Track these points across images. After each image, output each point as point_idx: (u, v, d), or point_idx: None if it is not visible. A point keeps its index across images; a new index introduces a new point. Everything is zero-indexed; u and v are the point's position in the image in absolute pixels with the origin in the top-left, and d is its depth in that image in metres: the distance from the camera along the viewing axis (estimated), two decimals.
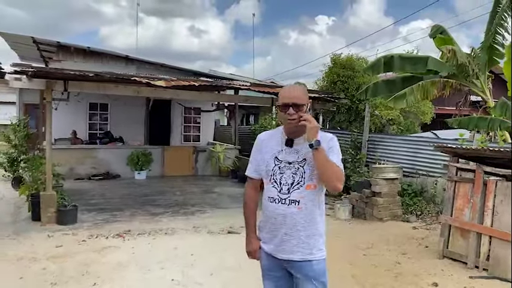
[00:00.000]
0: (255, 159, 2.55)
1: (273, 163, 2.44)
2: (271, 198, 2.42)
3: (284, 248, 2.41)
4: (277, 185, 2.41)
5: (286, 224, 2.38)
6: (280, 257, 2.43)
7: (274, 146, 2.47)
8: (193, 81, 6.90)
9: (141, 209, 8.23)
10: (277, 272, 2.50)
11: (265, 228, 2.50)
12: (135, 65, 13.97)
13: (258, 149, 2.55)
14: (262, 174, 2.49)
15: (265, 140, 2.53)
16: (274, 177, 2.42)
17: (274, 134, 2.55)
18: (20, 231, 6.58)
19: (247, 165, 2.62)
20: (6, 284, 4.53)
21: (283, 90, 2.47)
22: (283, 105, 2.37)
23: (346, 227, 7.33)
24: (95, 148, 12.42)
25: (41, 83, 6.74)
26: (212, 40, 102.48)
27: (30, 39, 13.04)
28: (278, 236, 2.42)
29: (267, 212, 2.45)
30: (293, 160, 2.41)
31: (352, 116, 12.53)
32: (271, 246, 2.46)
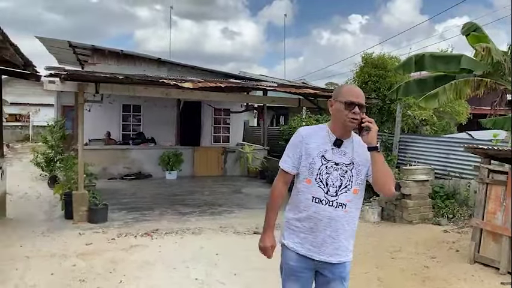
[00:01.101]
0: (295, 153, 2.42)
1: (320, 162, 2.36)
2: (316, 199, 2.35)
3: (324, 250, 2.38)
4: (323, 185, 2.35)
5: (330, 227, 2.36)
6: (317, 259, 2.39)
7: (321, 143, 2.38)
8: (220, 83, 6.96)
9: (170, 208, 8.37)
10: (306, 273, 2.45)
11: (302, 228, 2.41)
12: (166, 67, 14.21)
13: (298, 143, 2.41)
14: (303, 170, 2.39)
15: (309, 135, 2.42)
16: (321, 176, 2.35)
17: (318, 130, 2.45)
18: (54, 228, 6.81)
19: (284, 157, 2.47)
20: (39, 279, 4.69)
21: (347, 88, 2.43)
22: (349, 103, 2.30)
23: (375, 229, 7.20)
24: (128, 148, 12.71)
25: (73, 85, 6.97)
26: (245, 42, 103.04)
27: (67, 43, 13.51)
28: (319, 237, 2.37)
29: (309, 212, 2.37)
30: (340, 162, 2.36)
31: (384, 117, 12.30)
32: (309, 247, 2.40)
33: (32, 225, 6.99)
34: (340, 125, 2.36)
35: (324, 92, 7.89)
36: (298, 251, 2.42)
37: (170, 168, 12.23)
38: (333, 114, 2.40)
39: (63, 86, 6.88)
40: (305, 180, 2.39)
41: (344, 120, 2.32)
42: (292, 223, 2.46)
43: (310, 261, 2.41)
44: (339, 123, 2.37)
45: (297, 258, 2.43)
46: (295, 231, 2.44)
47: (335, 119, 2.39)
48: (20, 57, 5.29)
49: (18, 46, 4.81)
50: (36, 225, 6.98)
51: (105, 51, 13.96)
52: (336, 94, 2.41)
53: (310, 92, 7.30)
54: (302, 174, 2.40)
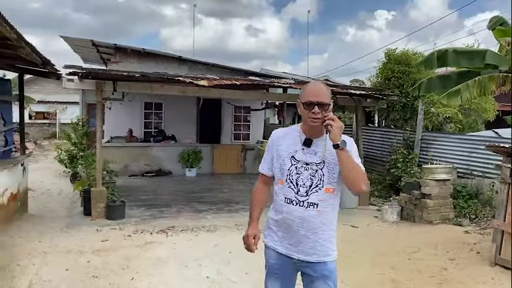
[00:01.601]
0: (269, 156, 2.51)
1: (290, 162, 2.38)
2: (287, 199, 2.37)
3: (301, 249, 2.40)
4: (293, 185, 2.36)
5: (303, 227, 2.36)
6: (296, 257, 2.41)
7: (291, 144, 2.41)
8: (236, 80, 6.93)
9: (187, 205, 8.40)
10: (287, 272, 2.49)
11: (279, 227, 2.45)
12: (187, 66, 14.27)
13: (272, 146, 2.50)
14: (276, 172, 2.45)
15: (281, 137, 2.47)
16: (291, 177, 2.37)
17: (290, 132, 2.48)
18: (72, 224, 6.93)
19: (262, 160, 2.59)
20: (54, 274, 4.77)
21: (308, 87, 2.40)
22: (308, 103, 2.29)
23: (393, 229, 7.05)
24: (149, 146, 12.84)
25: (91, 83, 7.06)
26: (269, 39, 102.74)
27: (90, 42, 13.72)
28: (295, 237, 2.39)
29: (283, 213, 2.40)
30: (311, 161, 2.36)
31: (407, 114, 12.03)
32: (287, 245, 2.43)
33: (52, 221, 7.12)
34: (307, 124, 2.36)
35: (341, 88, 7.76)
36: (278, 250, 2.46)
37: (190, 165, 12.29)
38: (301, 115, 2.39)
39: (81, 84, 6.98)
40: (279, 182, 2.44)
41: (307, 120, 2.32)
42: (271, 222, 2.52)
43: (290, 260, 2.44)
44: (305, 123, 2.38)
45: (277, 257, 2.47)
46: (274, 231, 2.49)
47: (302, 119, 2.40)
48: (38, 56, 5.38)
49: (34, 45, 4.89)
50: (56, 221, 7.12)
51: (127, 50, 14.11)
52: (300, 95, 2.39)
53: None
54: (276, 176, 2.46)
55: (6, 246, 5.67)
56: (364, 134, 11.67)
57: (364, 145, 11.51)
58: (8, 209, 6.41)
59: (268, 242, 2.52)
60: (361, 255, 5.57)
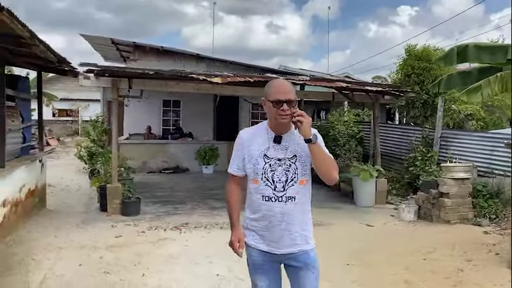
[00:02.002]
0: (238, 156, 2.53)
1: (263, 161, 2.42)
2: (266, 197, 2.42)
3: (284, 243, 2.46)
4: (270, 183, 2.41)
5: (284, 221, 2.42)
6: (279, 252, 2.47)
7: (261, 143, 2.45)
8: (249, 77, 6.89)
9: (202, 202, 8.42)
10: (271, 265, 2.54)
11: (258, 226, 2.49)
12: (205, 63, 14.31)
13: (240, 147, 2.51)
14: (249, 172, 2.47)
15: (249, 137, 2.49)
16: (266, 175, 2.41)
17: (257, 131, 2.51)
18: (88, 220, 7.03)
19: (230, 161, 2.59)
20: (67, 269, 4.84)
21: (274, 85, 2.43)
22: (276, 102, 2.33)
23: (409, 229, 6.91)
24: (167, 143, 12.94)
25: (107, 81, 7.13)
26: (290, 36, 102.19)
27: (109, 40, 13.89)
28: (276, 233, 2.44)
29: (262, 211, 2.44)
30: (283, 157, 2.42)
31: (428, 111, 11.79)
32: (269, 242, 2.47)
33: (69, 217, 7.24)
34: (274, 122, 2.41)
35: (357, 85, 7.63)
36: (260, 247, 2.50)
37: (206, 162, 12.34)
38: (267, 112, 2.43)
39: (97, 81, 7.07)
40: (252, 181, 2.46)
41: (275, 118, 2.36)
42: (249, 222, 2.54)
43: (274, 256, 2.49)
44: (272, 120, 2.42)
45: (260, 253, 2.51)
46: (254, 230, 2.52)
47: (269, 116, 2.44)
48: (52, 54, 5.45)
49: (48, 43, 4.95)
50: (73, 217, 7.24)
51: (146, 48, 14.23)
52: (265, 93, 2.41)
53: (343, 85, 7.08)
54: (249, 176, 2.49)
55: (23, 241, 5.78)
56: (382, 131, 11.50)
57: (382, 142, 11.35)
58: (26, 204, 6.53)
59: (250, 241, 2.54)
60: (374, 255, 5.48)
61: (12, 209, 5.77)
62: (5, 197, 5.44)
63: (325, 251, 5.52)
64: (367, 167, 8.31)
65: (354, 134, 12.30)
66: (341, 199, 9.04)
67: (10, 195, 5.67)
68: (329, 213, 7.69)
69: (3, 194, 5.37)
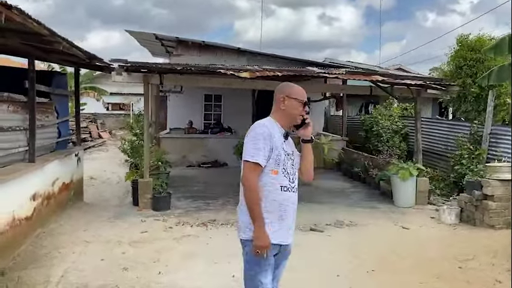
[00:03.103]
0: (266, 146, 2.50)
1: (283, 153, 2.56)
2: (284, 187, 2.56)
3: (290, 234, 2.65)
4: (286, 173, 2.58)
5: (294, 210, 2.65)
6: (285, 243, 2.60)
7: (279, 136, 2.58)
8: (278, 72, 6.67)
9: (233, 198, 8.31)
10: (272, 260, 2.59)
11: (272, 218, 2.52)
12: (246, 57, 14.19)
13: (268, 137, 2.51)
14: (270, 163, 2.52)
15: (272, 129, 2.56)
16: (285, 167, 2.56)
17: (272, 125, 2.60)
18: (120, 214, 7.14)
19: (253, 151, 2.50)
20: (89, 264, 4.90)
21: (297, 87, 2.70)
22: (304, 102, 2.65)
23: (449, 232, 6.45)
24: (206, 137, 13.00)
25: (139, 76, 7.18)
26: (343, 27, 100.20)
27: (153, 36, 14.13)
28: (289, 222, 2.60)
29: (279, 201, 2.54)
30: (290, 152, 2.63)
31: (481, 105, 11.01)
32: (281, 233, 2.56)
33: (102, 210, 7.40)
34: (290, 119, 2.63)
35: (394, 78, 7.20)
36: (275, 242, 2.52)
37: None
38: (286, 110, 2.62)
39: (129, 77, 7.12)
40: (271, 172, 2.53)
41: (296, 116, 2.61)
42: (269, 216, 2.53)
43: (278, 248, 2.57)
44: (289, 118, 2.63)
45: (273, 249, 2.54)
46: (267, 223, 2.50)
47: (286, 113, 2.62)
48: (79, 51, 5.52)
49: (71, 40, 5.01)
50: (106, 210, 7.38)
51: (188, 43, 14.33)
52: (289, 92, 2.64)
53: (378, 78, 6.70)
54: (268, 167, 2.52)
55: (53, 234, 5.95)
56: (428, 127, 10.91)
57: (427, 139, 10.76)
58: (60, 197, 6.72)
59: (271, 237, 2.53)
60: (404, 260, 5.14)
61: (44, 202, 5.94)
62: (36, 191, 5.59)
63: (349, 254, 5.30)
64: (406, 165, 7.86)
65: (398, 130, 11.76)
66: (379, 198, 8.63)
67: (41, 188, 5.83)
68: (363, 213, 7.36)
69: (33, 188, 5.52)
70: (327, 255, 5.28)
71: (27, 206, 5.37)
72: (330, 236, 6.10)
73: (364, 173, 10.11)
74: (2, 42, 4.99)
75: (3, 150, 4.96)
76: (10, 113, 5.18)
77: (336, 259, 5.12)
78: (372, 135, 12.31)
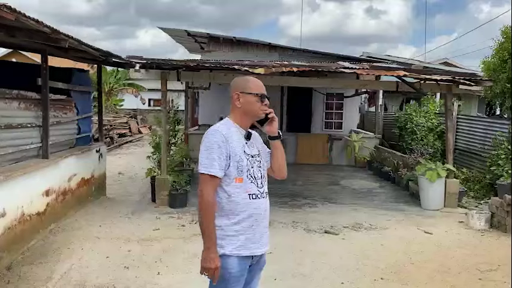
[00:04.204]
0: (220, 154, 2.27)
1: (245, 158, 2.34)
2: (253, 195, 2.35)
3: (263, 242, 2.42)
4: (253, 179, 2.36)
5: (266, 217, 2.43)
6: (258, 253, 2.40)
7: (238, 139, 2.36)
8: (295, 67, 6.43)
9: None
10: (244, 274, 2.38)
11: (241, 230, 2.32)
12: (277, 52, 13.99)
13: (222, 143, 2.28)
14: (231, 171, 2.30)
15: (227, 133, 2.33)
16: (249, 172, 2.34)
17: (229, 127, 2.37)
18: (138, 210, 7.17)
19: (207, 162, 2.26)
20: (94, 261, 4.92)
21: (253, 80, 2.46)
22: (262, 95, 2.39)
23: (475, 239, 6.00)
24: None
25: (157, 73, 7.17)
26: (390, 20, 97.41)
27: (185, 33, 14.21)
28: (258, 232, 2.38)
29: (248, 211, 2.33)
30: (254, 153, 2.41)
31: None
32: (250, 245, 2.35)
33: (122, 206, 7.47)
34: (250, 117, 2.40)
35: (419, 74, 6.76)
36: (241, 254, 2.33)
37: None
38: (243, 107, 2.38)
39: (147, 74, 7.14)
40: (235, 180, 2.32)
41: (257, 112, 2.37)
42: (228, 229, 2.32)
43: (250, 259, 2.38)
44: (248, 116, 2.40)
45: (239, 263, 2.33)
46: (235, 236, 2.33)
47: (244, 112, 2.38)
48: (89, 47, 5.55)
49: (78, 38, 5.02)
50: (125, 206, 7.44)
51: (219, 39, 14.30)
52: (243, 87, 2.39)
53: (400, 74, 6.30)
54: (230, 176, 2.31)
55: (67, 229, 6.03)
56: (465, 125, 10.30)
57: (463, 137, 10.19)
58: (78, 193, 6.83)
59: (231, 250, 2.31)
60: (419, 268, 4.81)
61: (59, 197, 6.03)
62: (49, 187, 5.68)
63: (360, 260, 5.01)
64: (434, 166, 7.41)
65: (433, 127, 11.18)
66: (406, 199, 8.22)
67: (55, 184, 5.92)
68: (385, 216, 7.01)
69: (46, 184, 5.61)
70: (336, 260, 5.02)
71: (39, 201, 5.46)
72: (344, 240, 5.82)
73: (394, 173, 9.67)
74: (14, 41, 5.07)
75: (13, 146, 5.05)
76: (21, 110, 5.27)
77: (344, 265, 4.87)
78: (406, 132, 11.78)
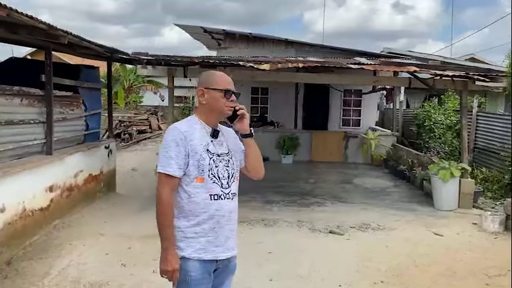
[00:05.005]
0: (178, 153, 2.19)
1: (208, 156, 2.24)
2: (215, 196, 2.24)
3: (228, 246, 2.31)
4: (217, 179, 2.25)
5: (231, 220, 2.31)
6: (222, 257, 2.29)
7: (201, 137, 2.26)
8: (301, 63, 6.29)
9: (261, 194, 8.08)
10: (208, 278, 2.28)
11: (202, 232, 2.23)
12: (294, 48, 13.81)
13: (181, 141, 2.19)
14: (191, 170, 2.21)
15: (187, 131, 2.24)
16: (212, 171, 2.24)
17: (192, 124, 2.29)
18: (146, 206, 7.00)
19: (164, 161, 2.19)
20: (93, 257, 4.92)
21: (219, 75, 2.34)
22: (227, 91, 2.26)
23: (487, 242, 5.75)
24: None
25: (163, 70, 7.16)
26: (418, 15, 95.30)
27: (201, 29, 14.18)
28: (222, 235, 2.27)
29: (210, 212, 2.22)
30: (221, 152, 2.30)
31: None
32: (213, 249, 2.25)
33: (131, 202, 7.49)
34: (216, 114, 2.29)
35: (430, 69, 6.51)
36: (202, 258, 2.23)
37: (285, 152, 11.94)
38: (208, 104, 2.28)
39: (153, 70, 7.16)
40: (196, 180, 2.22)
41: (222, 108, 2.25)
42: (188, 231, 2.24)
43: (214, 263, 2.28)
44: (215, 112, 2.29)
45: (200, 266, 2.23)
46: (195, 238, 2.23)
47: (210, 108, 2.28)
48: (93, 44, 5.55)
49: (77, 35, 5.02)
50: (133, 203, 7.45)
51: (235, 35, 14.21)
52: (207, 83, 2.28)
53: (410, 70, 6.07)
54: (190, 175, 2.22)
55: (72, 225, 6.08)
56: (485, 122, 9.93)
57: (483, 135, 9.85)
58: (86, 189, 6.88)
59: (190, 253, 2.22)
60: (424, 272, 4.63)
61: (64, 193, 6.08)
62: (53, 183, 5.73)
63: (362, 262, 4.85)
64: (448, 165, 7.15)
65: (452, 125, 10.84)
66: (419, 199, 7.96)
67: (60, 180, 5.97)
68: (395, 216, 6.81)
69: (49, 180, 5.66)
70: (337, 261, 4.88)
71: (42, 197, 5.50)
72: (349, 240, 5.67)
73: (409, 172, 9.41)
74: (17, 37, 5.12)
75: (14, 143, 5.10)
76: (24, 106, 5.32)
77: (345, 266, 4.72)
78: (424, 130, 11.48)
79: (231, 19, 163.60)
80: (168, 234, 2.21)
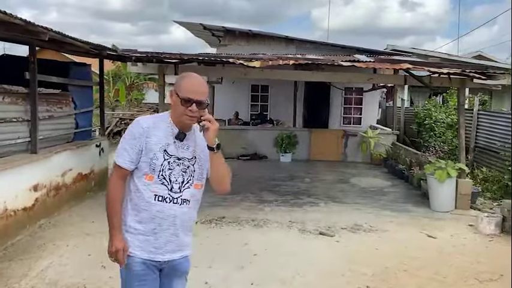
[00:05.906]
0: (133, 146, 2.19)
1: (162, 157, 2.20)
2: (159, 197, 2.21)
3: (168, 249, 2.29)
4: (166, 182, 2.21)
5: (175, 225, 2.26)
6: (161, 259, 2.28)
7: (162, 137, 2.21)
8: (293, 60, 6.14)
9: (255, 193, 7.96)
10: (151, 275, 2.29)
11: (142, 230, 2.24)
12: (294, 45, 13.68)
13: (138, 136, 2.19)
14: (143, 166, 2.20)
15: (150, 128, 2.21)
16: (163, 173, 2.20)
17: (158, 122, 2.25)
18: None
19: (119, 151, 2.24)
20: (74, 258, 4.83)
21: (188, 81, 2.19)
22: (186, 100, 2.13)
23: (482, 245, 5.57)
24: (246, 129, 12.70)
25: (154, 67, 7.04)
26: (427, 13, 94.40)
27: (201, 26, 14.05)
28: (163, 237, 2.26)
29: (151, 212, 2.21)
30: (183, 156, 2.24)
31: None
32: (150, 249, 2.25)
33: None
34: (179, 119, 2.21)
35: (425, 66, 6.32)
36: (137, 255, 2.25)
37: (283, 150, 11.79)
38: (172, 106, 2.22)
39: (144, 68, 7.05)
40: (145, 177, 2.21)
41: (181, 115, 2.17)
42: (131, 226, 2.25)
43: (154, 263, 2.28)
44: (177, 117, 2.21)
45: (140, 263, 2.25)
46: (134, 234, 2.25)
47: (174, 112, 2.22)
48: (76, 41, 5.44)
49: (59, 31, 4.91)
50: None
51: (235, 32, 14.10)
52: (176, 85, 2.20)
53: (403, 67, 5.90)
54: (141, 170, 2.21)
55: (58, 225, 5.98)
56: (486, 121, 9.71)
57: (484, 134, 9.63)
58: (75, 188, 6.79)
59: (131, 251, 2.26)
60: (412, 276, 4.48)
61: (50, 193, 5.99)
62: (37, 182, 5.64)
63: (349, 265, 4.70)
64: (445, 165, 6.97)
65: (453, 124, 10.63)
66: (416, 200, 7.78)
67: (46, 179, 5.88)
68: (389, 217, 6.65)
69: (34, 179, 5.57)
70: (323, 264, 4.74)
71: (26, 196, 5.42)
72: (338, 242, 5.52)
73: (408, 171, 9.23)
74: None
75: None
76: (6, 104, 5.22)
77: (331, 270, 4.58)
78: (424, 128, 11.28)
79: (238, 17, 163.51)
80: (113, 222, 2.23)
